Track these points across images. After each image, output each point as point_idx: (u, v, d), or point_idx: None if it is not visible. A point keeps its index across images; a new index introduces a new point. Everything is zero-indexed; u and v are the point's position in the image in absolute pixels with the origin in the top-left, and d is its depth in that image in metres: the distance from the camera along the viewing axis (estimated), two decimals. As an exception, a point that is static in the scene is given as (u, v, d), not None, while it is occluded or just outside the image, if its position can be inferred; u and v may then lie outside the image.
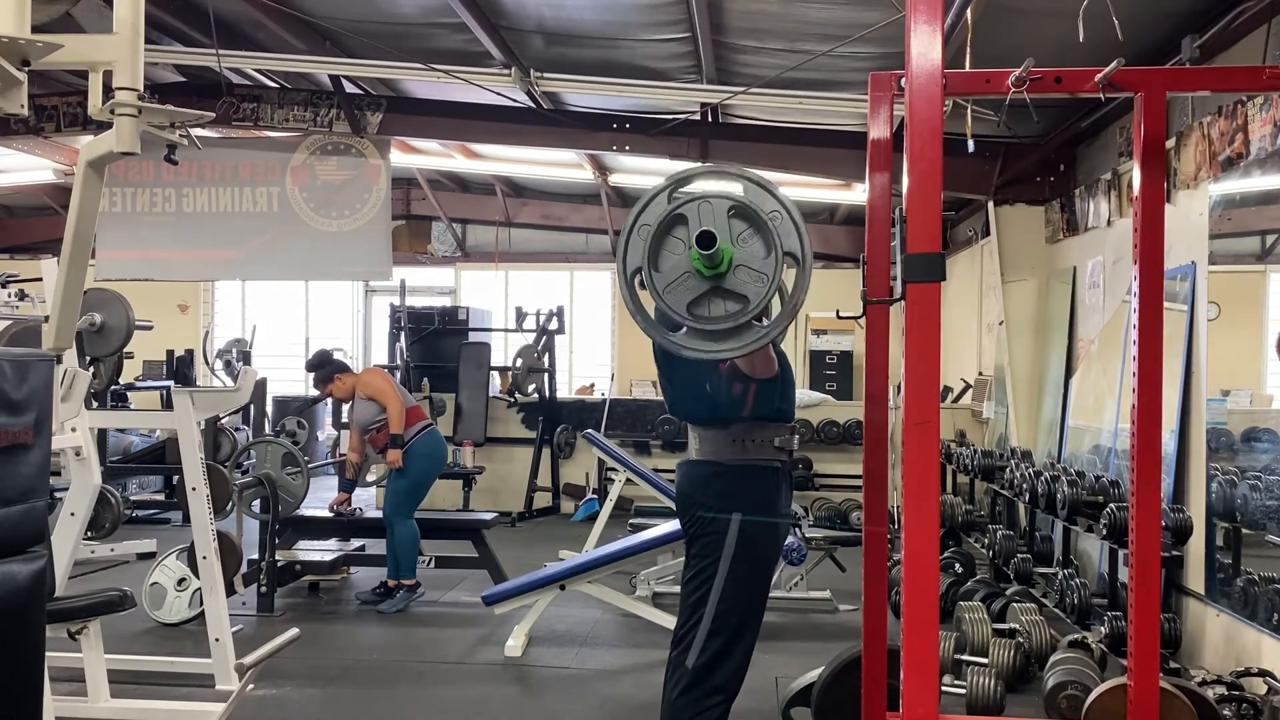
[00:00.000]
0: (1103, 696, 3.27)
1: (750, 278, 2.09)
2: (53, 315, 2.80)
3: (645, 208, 2.15)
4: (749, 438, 2.73)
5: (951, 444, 7.50)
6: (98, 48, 2.58)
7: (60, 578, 3.59)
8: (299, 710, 4.08)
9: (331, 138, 8.18)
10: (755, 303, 2.09)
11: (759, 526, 2.70)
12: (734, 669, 2.70)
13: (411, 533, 5.74)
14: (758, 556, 2.73)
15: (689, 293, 2.11)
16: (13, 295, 4.82)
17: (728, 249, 2.07)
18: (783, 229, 2.09)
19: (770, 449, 2.75)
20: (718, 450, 2.75)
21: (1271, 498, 3.95)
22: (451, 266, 12.90)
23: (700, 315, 2.13)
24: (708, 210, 2.08)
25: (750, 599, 2.73)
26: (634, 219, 2.14)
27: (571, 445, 9.27)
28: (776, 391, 2.80)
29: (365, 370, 6.13)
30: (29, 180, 10.59)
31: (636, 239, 2.13)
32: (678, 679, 2.70)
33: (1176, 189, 4.86)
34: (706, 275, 2.09)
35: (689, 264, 2.10)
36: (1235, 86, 3.59)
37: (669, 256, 2.13)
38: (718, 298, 2.12)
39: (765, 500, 2.74)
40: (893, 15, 4.66)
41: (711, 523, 2.71)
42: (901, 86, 2.78)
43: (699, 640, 2.67)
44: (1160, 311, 2.92)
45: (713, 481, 2.75)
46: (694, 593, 2.72)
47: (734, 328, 2.13)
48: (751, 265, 2.09)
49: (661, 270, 2.12)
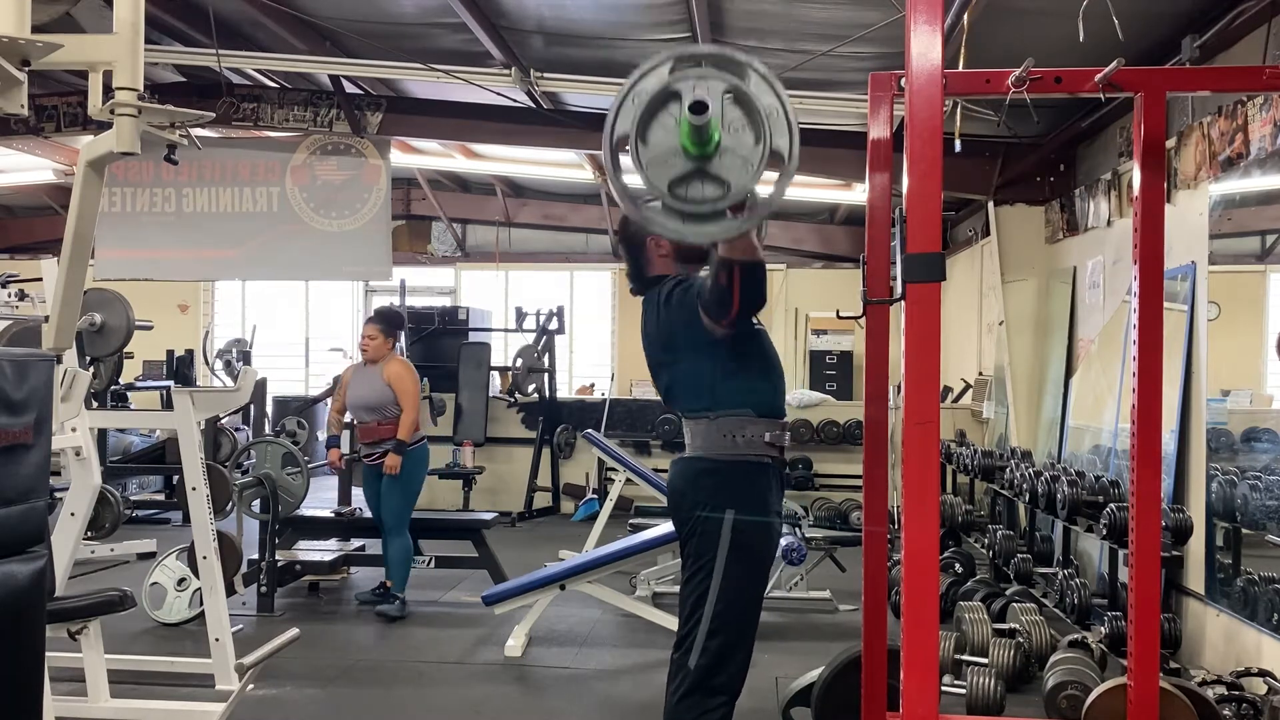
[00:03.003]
0: (1103, 696, 3.27)
1: (735, 165, 2.05)
2: (53, 315, 2.80)
3: (644, 75, 2.10)
4: (740, 433, 2.73)
5: (951, 444, 7.50)
6: (98, 48, 2.58)
7: (60, 578, 3.59)
8: (299, 710, 4.08)
9: (331, 138, 8.18)
10: (736, 190, 2.06)
11: (752, 524, 2.70)
12: (736, 668, 2.70)
13: (410, 547, 5.62)
14: (753, 554, 2.73)
15: (672, 170, 2.07)
16: (13, 295, 4.82)
17: (717, 131, 2.05)
18: (776, 125, 2.06)
19: (761, 444, 2.75)
20: (709, 445, 2.75)
21: (1271, 498, 3.95)
22: (451, 266, 12.90)
23: (679, 195, 2.10)
24: (704, 89, 2.05)
25: (748, 597, 2.73)
26: (631, 85, 2.09)
27: (571, 445, 9.27)
28: (768, 386, 2.81)
29: (402, 361, 5.83)
30: (29, 180, 10.59)
31: (629, 105, 2.09)
32: (680, 680, 2.69)
33: (1176, 189, 4.86)
34: (692, 154, 2.06)
35: (676, 142, 2.07)
36: (1235, 86, 3.59)
37: (658, 130, 2.08)
38: (698, 180, 2.08)
39: (757, 497, 2.74)
40: (893, 15, 4.66)
41: (705, 522, 2.71)
42: (901, 86, 2.78)
43: (699, 640, 2.67)
44: (1160, 311, 2.92)
45: (704, 478, 2.75)
46: (692, 593, 2.72)
47: (710, 213, 2.10)
48: (738, 153, 2.06)
49: (648, 143, 2.09)
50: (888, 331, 3.01)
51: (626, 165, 2.09)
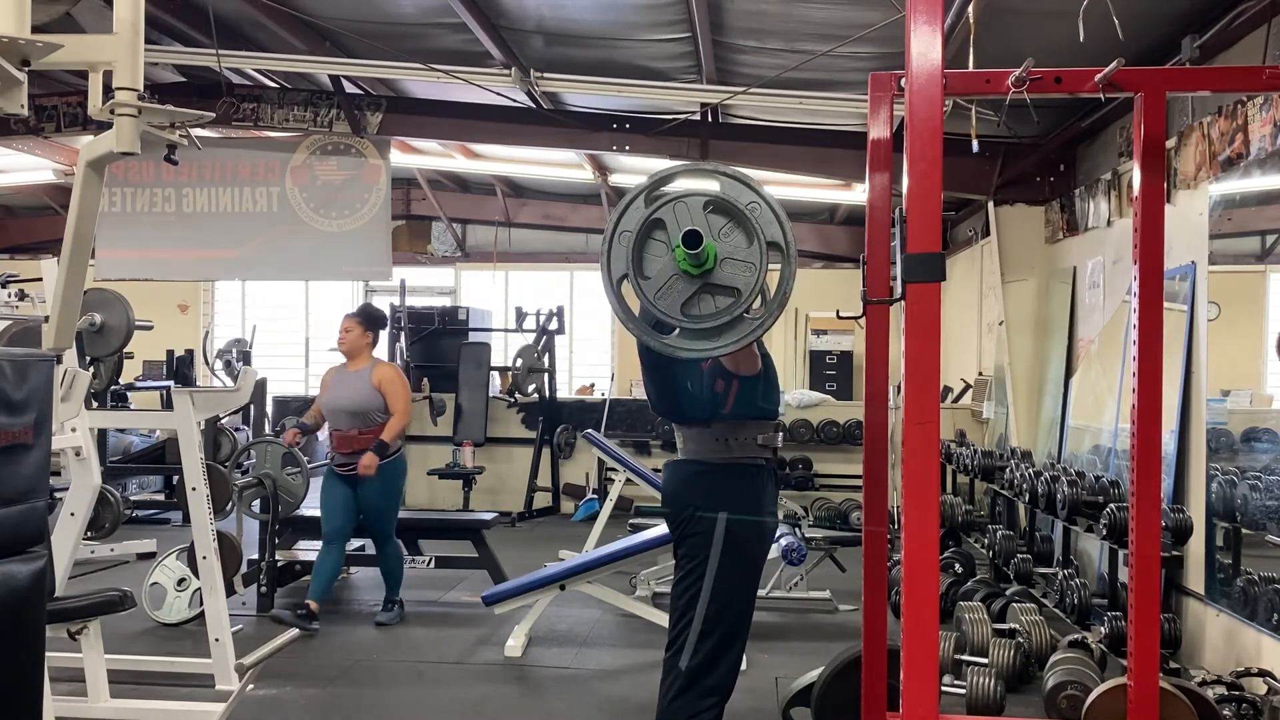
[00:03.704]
0: (1103, 696, 3.27)
1: (738, 269, 2.09)
2: (53, 315, 2.80)
3: (624, 214, 2.14)
4: (733, 436, 2.74)
5: (951, 444, 7.50)
6: (98, 48, 2.58)
7: (60, 578, 3.59)
8: (299, 710, 4.08)
9: (331, 138, 8.18)
10: (746, 293, 2.08)
11: (745, 525, 2.71)
12: (727, 669, 2.71)
13: (401, 553, 5.58)
14: (745, 555, 2.73)
15: (679, 295, 2.11)
16: (13, 295, 4.82)
17: (711, 245, 2.06)
18: (762, 219, 2.08)
19: (754, 447, 2.76)
20: (702, 449, 2.76)
21: (1271, 498, 3.95)
22: (451, 266, 12.90)
23: (693, 314, 2.12)
24: (684, 210, 2.08)
25: (740, 598, 2.74)
26: (614, 226, 2.13)
27: (571, 445, 9.27)
28: (759, 391, 2.80)
29: (391, 365, 5.73)
30: (29, 180, 10.59)
31: (619, 246, 2.13)
32: (671, 681, 2.70)
33: (1176, 189, 4.86)
34: (694, 274, 2.08)
35: (675, 266, 2.09)
36: (1235, 86, 3.59)
37: (653, 260, 2.12)
38: (707, 294, 2.11)
39: (750, 499, 2.74)
40: (893, 15, 4.66)
41: (698, 523, 2.71)
42: (901, 86, 2.78)
43: (691, 642, 2.68)
44: (1160, 311, 2.92)
45: (697, 481, 2.76)
46: (684, 594, 2.73)
47: (727, 322, 2.12)
48: (737, 257, 2.08)
49: (649, 276, 2.12)
50: (888, 331, 3.01)
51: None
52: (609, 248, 2.13)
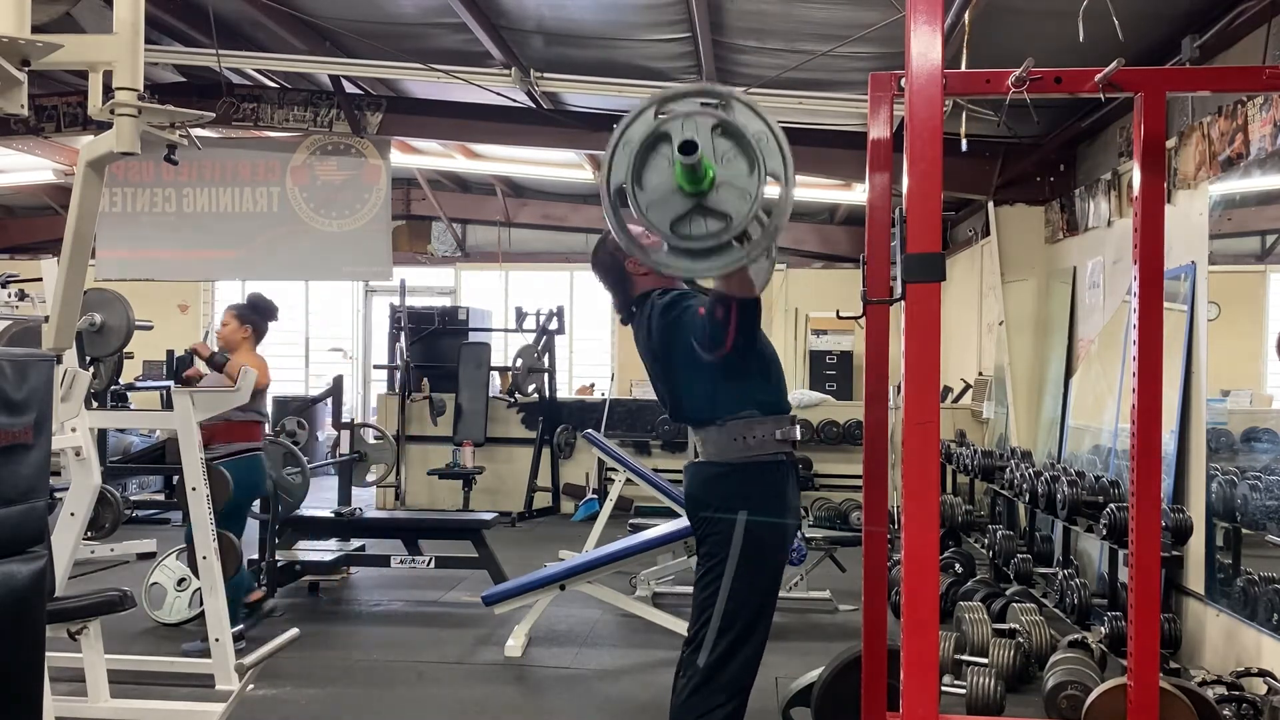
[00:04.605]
0: (1103, 696, 3.27)
1: (733, 196, 2.08)
2: (53, 315, 2.80)
3: (631, 124, 2.12)
4: (750, 434, 2.73)
5: (951, 444, 7.50)
6: (98, 48, 2.58)
7: (60, 578, 3.59)
8: (299, 710, 4.08)
9: (331, 138, 8.18)
10: (738, 220, 2.07)
11: (765, 525, 2.70)
12: (744, 667, 2.70)
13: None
14: (766, 554, 2.73)
15: (672, 210, 2.10)
16: (13, 295, 4.81)
17: (711, 166, 2.06)
18: (767, 149, 2.07)
19: (774, 442, 2.75)
20: (722, 450, 2.75)
21: (1271, 498, 3.95)
22: (451, 266, 12.89)
23: (682, 233, 2.11)
24: (691, 127, 2.07)
25: (760, 597, 2.73)
26: (619, 135, 2.12)
27: (571, 445, 9.27)
28: (771, 385, 2.81)
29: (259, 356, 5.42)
30: (29, 180, 10.59)
31: (621, 155, 2.11)
32: (689, 677, 2.70)
33: (1176, 189, 4.86)
34: (689, 192, 2.07)
35: (672, 182, 2.09)
36: (1235, 86, 3.59)
37: (653, 175, 2.10)
38: (700, 216, 2.10)
39: (773, 497, 2.73)
40: (893, 15, 4.66)
41: (719, 522, 2.71)
42: (901, 86, 2.78)
43: (710, 639, 2.67)
44: (1160, 311, 2.92)
45: (719, 481, 2.75)
46: (704, 591, 2.72)
47: (715, 246, 2.11)
48: (735, 184, 2.08)
49: (645, 188, 2.11)
50: (888, 331, 3.01)
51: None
52: (611, 156, 2.12)
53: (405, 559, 5.93)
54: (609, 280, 3.02)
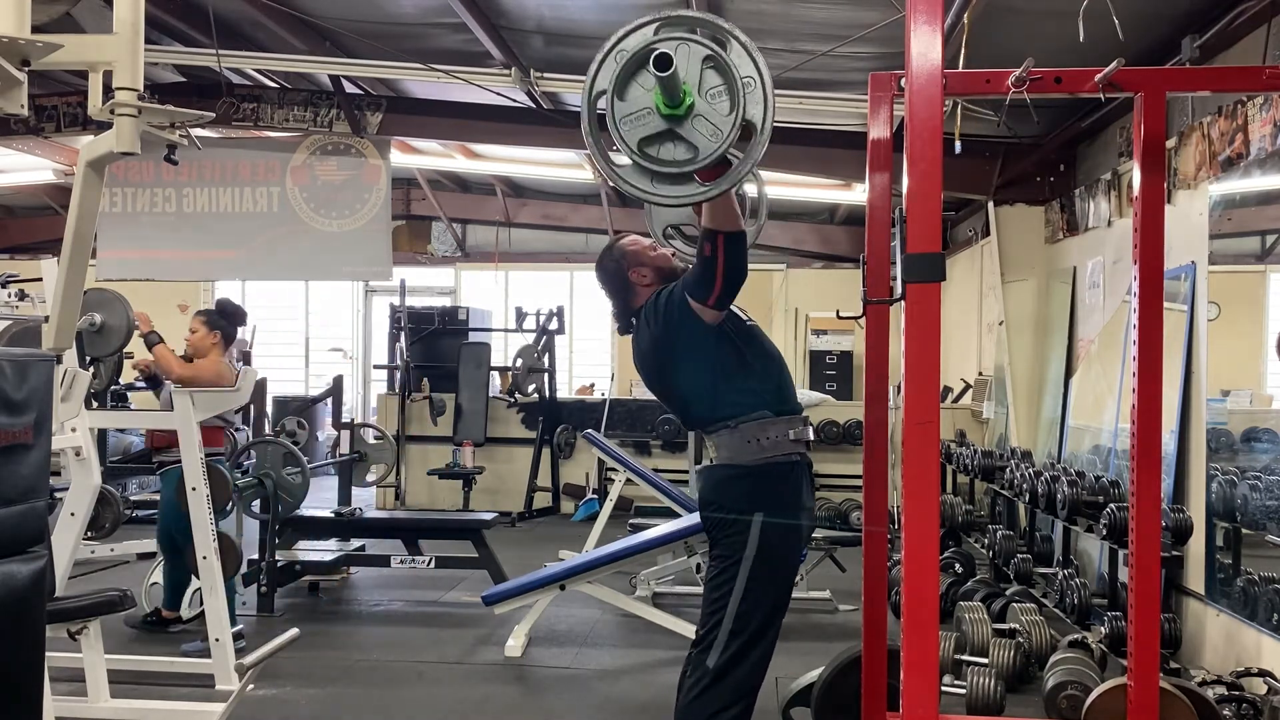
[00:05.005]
0: (1103, 696, 3.27)
1: (705, 131, 2.08)
2: (53, 315, 2.80)
3: (628, 35, 2.12)
4: (764, 435, 2.72)
5: (951, 444, 7.50)
6: (98, 48, 2.58)
7: (60, 578, 3.59)
8: (299, 710, 4.08)
9: (331, 138, 8.18)
10: (703, 155, 2.07)
11: (781, 528, 2.70)
12: (754, 669, 2.70)
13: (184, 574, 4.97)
14: (779, 557, 2.72)
15: (644, 128, 2.10)
16: (13, 295, 4.81)
17: (690, 92, 2.06)
18: (751, 97, 2.07)
19: (787, 443, 2.74)
20: (736, 453, 2.74)
21: (1271, 498, 3.95)
22: (451, 266, 12.89)
23: (647, 153, 2.11)
24: (685, 52, 2.07)
25: (771, 600, 2.72)
26: (614, 43, 2.12)
27: (571, 445, 9.27)
28: (780, 386, 2.80)
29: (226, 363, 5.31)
30: (29, 180, 10.59)
31: (610, 61, 2.12)
32: (697, 678, 2.69)
33: (1176, 189, 4.86)
34: (664, 114, 2.08)
35: (652, 101, 2.09)
36: (1235, 86, 3.60)
37: (636, 89, 2.11)
38: (670, 141, 2.11)
39: (788, 499, 2.73)
40: (893, 15, 4.66)
41: (734, 524, 2.70)
42: (901, 86, 2.78)
43: (721, 640, 2.67)
44: (1160, 311, 2.92)
45: (735, 484, 2.74)
46: (715, 592, 2.71)
47: (677, 175, 2.11)
48: (711, 119, 2.08)
49: (625, 99, 2.11)
50: (888, 331, 3.01)
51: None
52: (600, 61, 2.13)
53: (405, 559, 5.93)
54: (611, 288, 2.99)
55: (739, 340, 2.77)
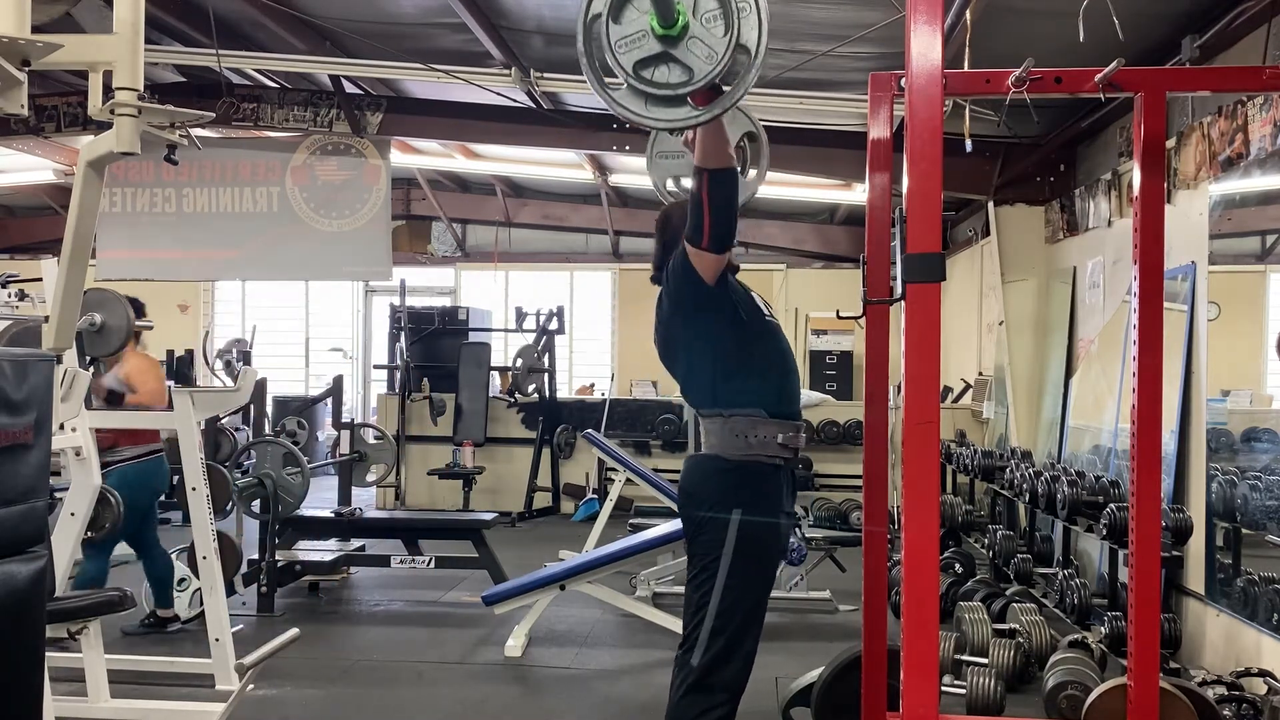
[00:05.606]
0: (1103, 696, 3.27)
1: (699, 53, 2.09)
2: (53, 315, 2.80)
3: None
4: (753, 433, 2.72)
5: (951, 444, 7.50)
6: (98, 48, 2.58)
7: (60, 578, 3.59)
8: (299, 710, 4.08)
9: (331, 138, 8.18)
10: (698, 77, 2.09)
11: (759, 525, 2.70)
12: (738, 667, 2.70)
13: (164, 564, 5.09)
14: (758, 554, 2.73)
15: (639, 51, 2.11)
16: (13, 295, 4.81)
17: (684, 11, 2.08)
18: (746, 22, 2.10)
19: (774, 445, 2.74)
20: (722, 445, 2.74)
21: (1271, 498, 3.95)
22: (451, 266, 12.89)
23: (644, 76, 2.13)
24: None
25: (752, 597, 2.73)
26: None
27: (571, 445, 9.27)
28: (783, 389, 2.80)
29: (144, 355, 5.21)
30: (29, 180, 10.59)
31: None
32: (683, 677, 2.69)
33: (1176, 189, 4.86)
34: (659, 35, 2.09)
35: (647, 24, 2.10)
36: (1235, 86, 3.60)
37: (631, 11, 2.13)
38: (664, 64, 2.12)
39: (766, 499, 2.73)
40: (893, 15, 4.66)
41: (711, 521, 2.70)
42: (901, 86, 2.78)
43: (703, 639, 2.67)
44: (1160, 311, 2.92)
45: (715, 478, 2.75)
46: (696, 591, 2.72)
47: (671, 97, 2.12)
48: (705, 42, 2.10)
49: (620, 22, 2.13)
50: (888, 331, 3.01)
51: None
52: None
53: (405, 559, 5.93)
54: (660, 235, 2.96)
55: (751, 332, 2.76)
